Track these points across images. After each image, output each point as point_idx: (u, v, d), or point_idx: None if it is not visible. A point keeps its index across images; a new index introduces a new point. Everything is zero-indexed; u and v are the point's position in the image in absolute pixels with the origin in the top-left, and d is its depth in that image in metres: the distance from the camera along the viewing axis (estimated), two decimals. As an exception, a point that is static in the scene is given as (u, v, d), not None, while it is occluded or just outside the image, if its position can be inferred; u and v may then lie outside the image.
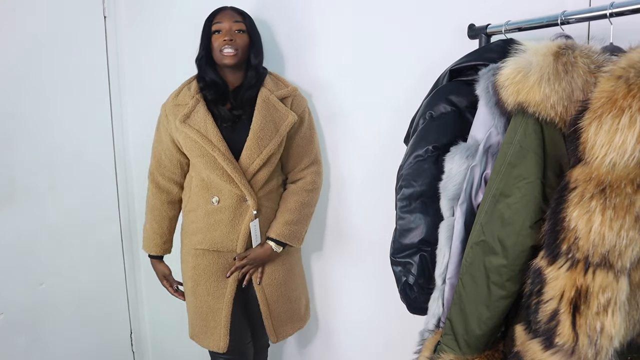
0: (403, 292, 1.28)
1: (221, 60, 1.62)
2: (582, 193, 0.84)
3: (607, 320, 0.83)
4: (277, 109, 1.66)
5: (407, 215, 1.23)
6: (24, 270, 1.99)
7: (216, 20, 1.64)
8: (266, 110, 1.64)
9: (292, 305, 1.80)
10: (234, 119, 1.64)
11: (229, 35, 1.61)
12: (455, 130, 1.18)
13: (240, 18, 1.65)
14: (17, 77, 1.94)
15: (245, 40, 1.64)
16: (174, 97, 1.70)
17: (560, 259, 0.87)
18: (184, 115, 1.63)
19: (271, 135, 1.63)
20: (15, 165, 1.95)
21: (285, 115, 1.67)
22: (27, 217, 1.99)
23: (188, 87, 1.70)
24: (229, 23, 1.62)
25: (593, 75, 0.90)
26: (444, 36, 1.45)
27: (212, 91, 1.65)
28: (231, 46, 1.60)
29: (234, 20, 1.63)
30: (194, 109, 1.63)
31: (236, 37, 1.62)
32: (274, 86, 1.70)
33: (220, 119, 1.64)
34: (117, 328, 2.42)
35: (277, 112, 1.66)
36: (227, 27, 1.62)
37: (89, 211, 2.21)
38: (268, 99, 1.66)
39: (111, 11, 2.24)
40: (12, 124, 1.93)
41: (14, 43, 1.93)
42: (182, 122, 1.62)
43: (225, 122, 1.63)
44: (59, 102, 2.07)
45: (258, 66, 1.69)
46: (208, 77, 1.67)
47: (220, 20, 1.63)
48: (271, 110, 1.65)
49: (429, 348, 1.13)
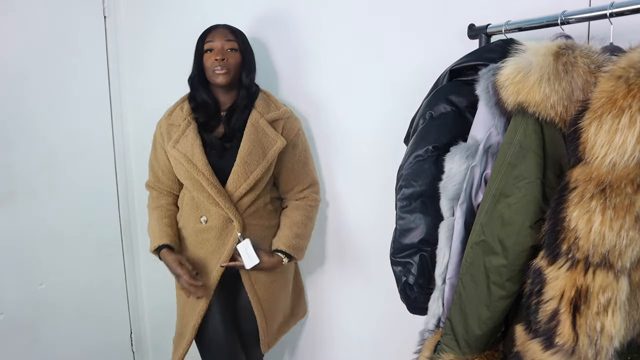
0: (403, 292, 1.28)
1: (213, 79, 1.63)
2: (582, 193, 0.84)
3: (607, 320, 0.83)
4: (266, 133, 1.65)
5: (407, 215, 1.23)
6: (24, 270, 1.99)
7: (208, 39, 1.64)
8: (254, 135, 1.63)
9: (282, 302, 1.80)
10: (222, 147, 1.65)
11: (220, 55, 1.60)
12: (455, 130, 1.18)
13: (232, 37, 1.64)
14: (17, 77, 1.94)
15: (238, 59, 1.64)
16: (167, 117, 1.71)
17: (560, 259, 0.87)
18: (174, 140, 1.64)
19: (258, 161, 1.63)
20: (15, 165, 1.95)
21: (274, 140, 1.65)
22: (27, 217, 1.99)
23: (181, 107, 1.71)
24: (220, 42, 1.62)
25: (593, 75, 0.90)
26: (444, 36, 1.45)
27: (203, 114, 1.66)
28: (223, 66, 1.60)
29: (226, 39, 1.63)
30: (183, 133, 1.64)
31: (228, 57, 1.62)
32: (265, 108, 1.69)
33: (209, 145, 1.64)
34: (117, 328, 2.42)
35: (265, 136, 1.65)
36: (219, 46, 1.62)
37: (89, 211, 2.21)
38: (257, 123, 1.65)
39: (111, 11, 2.24)
40: (12, 124, 1.93)
41: (14, 43, 1.93)
42: (172, 147, 1.64)
43: (213, 149, 1.64)
44: (59, 102, 2.07)
45: (250, 85, 1.68)
46: (200, 98, 1.67)
47: (212, 39, 1.63)
48: (260, 134, 1.64)
49: (429, 348, 1.13)
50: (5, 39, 1.90)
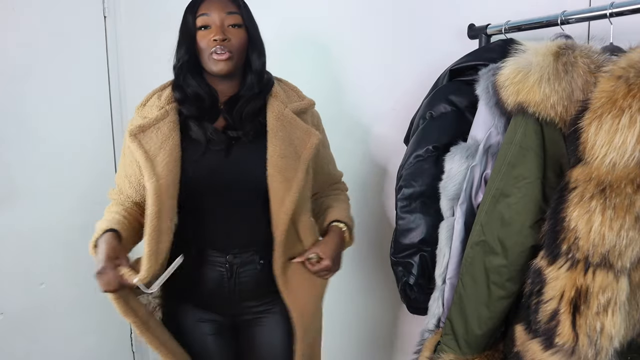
0: (403, 292, 1.28)
1: (210, 66, 1.22)
2: (582, 193, 0.84)
3: (607, 320, 0.83)
4: (295, 127, 1.26)
5: (407, 215, 1.23)
6: (24, 270, 1.99)
7: (202, 12, 1.22)
8: (282, 131, 1.23)
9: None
10: (228, 141, 1.22)
11: (220, 34, 1.19)
12: (455, 130, 1.18)
13: (234, 7, 1.23)
14: (17, 77, 1.94)
15: (243, 37, 1.23)
16: (139, 109, 1.30)
17: (560, 259, 0.87)
18: (139, 127, 1.22)
19: (295, 165, 1.23)
20: (15, 165, 1.94)
21: (306, 134, 1.27)
22: (27, 217, 1.99)
23: (159, 95, 1.31)
24: (219, 15, 1.20)
25: (593, 75, 0.90)
26: (444, 36, 1.45)
27: (193, 107, 1.25)
28: (224, 47, 1.19)
29: (226, 10, 1.21)
30: (155, 124, 1.23)
31: (230, 35, 1.21)
32: (286, 96, 1.32)
33: (207, 140, 1.21)
34: (117, 328, 2.41)
35: (295, 131, 1.26)
36: (218, 21, 1.20)
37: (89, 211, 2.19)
38: (282, 115, 1.25)
39: (111, 11, 2.24)
40: (12, 123, 1.93)
41: (14, 43, 1.92)
42: (132, 136, 1.21)
43: (216, 145, 1.21)
44: (58, 102, 2.07)
45: (262, 71, 1.29)
46: (190, 89, 1.26)
47: (208, 11, 1.21)
48: (288, 129, 1.25)
49: (429, 348, 1.13)
50: (5, 38, 1.90)
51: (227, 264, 1.25)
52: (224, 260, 1.25)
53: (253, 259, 1.26)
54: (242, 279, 1.26)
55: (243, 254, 1.25)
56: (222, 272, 1.26)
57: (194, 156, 1.21)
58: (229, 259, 1.25)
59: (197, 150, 1.21)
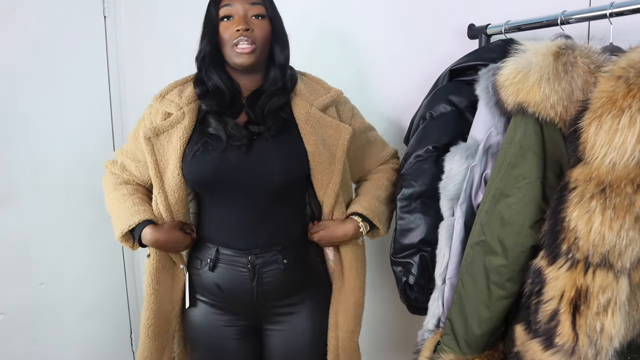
0: (403, 292, 1.28)
1: (233, 58, 1.20)
2: (582, 193, 0.84)
3: (607, 320, 0.83)
4: (325, 125, 1.24)
5: (407, 215, 1.23)
6: (24, 270, 1.99)
7: (225, 2, 1.20)
8: (313, 133, 1.21)
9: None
10: (250, 136, 1.19)
11: (243, 24, 1.16)
12: (455, 130, 1.18)
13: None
14: (17, 76, 1.94)
15: (266, 29, 1.21)
16: (157, 100, 1.29)
17: (560, 259, 0.87)
18: (153, 130, 1.22)
19: (330, 168, 1.22)
20: (15, 165, 1.94)
21: (337, 131, 1.25)
22: (27, 217, 1.99)
23: (180, 89, 1.29)
24: (242, 5, 1.19)
25: (593, 75, 0.90)
26: (444, 36, 1.45)
27: (214, 102, 1.23)
28: (247, 38, 1.17)
29: (249, 1, 1.19)
30: (172, 128, 1.23)
31: (253, 25, 1.18)
32: (312, 93, 1.28)
33: (227, 135, 1.19)
34: (117, 328, 2.41)
35: (325, 129, 1.24)
36: (241, 12, 1.18)
37: (89, 211, 2.21)
38: (310, 115, 1.23)
39: (111, 11, 2.24)
40: (12, 123, 1.93)
41: (14, 43, 1.92)
42: (146, 139, 1.23)
43: (236, 141, 1.18)
44: (59, 102, 2.07)
45: (285, 64, 1.26)
46: (211, 82, 1.24)
47: (230, 2, 1.19)
48: (318, 130, 1.23)
49: (429, 348, 1.13)
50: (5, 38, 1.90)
51: (249, 264, 1.23)
52: (246, 260, 1.23)
53: (276, 258, 1.24)
54: (265, 279, 1.24)
55: (266, 254, 1.24)
56: (244, 273, 1.24)
57: (215, 152, 1.19)
58: (250, 259, 1.23)
59: (218, 146, 1.19)
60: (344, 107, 1.33)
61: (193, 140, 1.22)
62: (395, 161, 1.44)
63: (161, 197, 1.22)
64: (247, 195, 1.21)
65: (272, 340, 1.32)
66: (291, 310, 1.29)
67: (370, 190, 1.34)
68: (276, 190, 1.21)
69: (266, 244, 1.23)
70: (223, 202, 1.24)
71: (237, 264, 1.24)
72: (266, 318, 1.30)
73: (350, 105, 1.36)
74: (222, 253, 1.25)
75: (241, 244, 1.24)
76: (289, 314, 1.29)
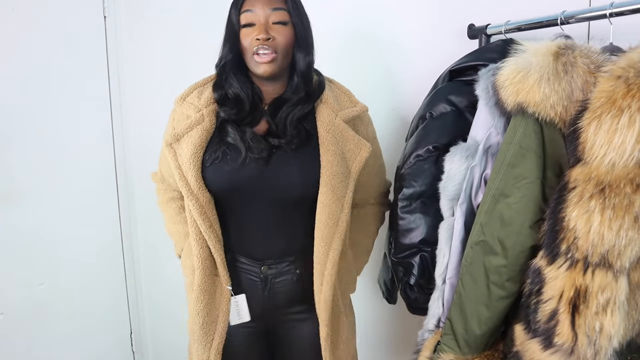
0: (403, 292, 1.28)
1: (253, 68, 1.16)
2: (582, 193, 0.84)
3: (606, 320, 0.83)
4: (346, 138, 1.19)
5: (408, 215, 1.23)
6: (24, 270, 1.99)
7: (245, 8, 1.14)
8: (334, 144, 1.16)
9: None
10: (269, 149, 1.15)
11: (264, 32, 1.12)
12: (455, 130, 1.18)
13: (280, 3, 1.15)
14: (17, 77, 1.94)
15: (289, 36, 1.16)
16: (179, 102, 1.25)
17: (559, 258, 0.87)
18: (174, 136, 1.20)
19: (346, 182, 1.18)
20: (15, 165, 1.95)
21: (357, 147, 1.20)
22: (27, 217, 1.99)
23: (200, 91, 1.24)
24: (263, 11, 1.13)
25: (593, 75, 0.90)
26: (444, 36, 1.46)
27: (233, 111, 1.18)
28: (267, 47, 1.12)
29: (271, 7, 1.13)
30: (191, 130, 1.19)
31: (275, 33, 1.14)
32: (337, 102, 1.22)
33: (246, 147, 1.15)
34: (117, 328, 2.42)
35: (346, 143, 1.18)
36: (262, 19, 1.13)
37: (89, 211, 2.21)
38: (334, 125, 1.18)
39: (111, 11, 2.24)
40: (13, 123, 1.93)
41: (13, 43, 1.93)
42: (168, 145, 1.21)
43: (255, 153, 1.15)
44: (59, 102, 2.07)
45: (307, 72, 1.20)
46: (232, 89, 1.19)
47: (252, 7, 1.13)
48: (340, 141, 1.17)
49: (429, 348, 1.13)
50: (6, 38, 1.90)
51: (262, 274, 1.24)
52: (259, 270, 1.24)
53: (289, 269, 1.24)
54: (277, 288, 1.25)
55: (279, 265, 1.24)
56: (257, 282, 1.25)
57: (234, 163, 1.16)
58: (263, 270, 1.24)
59: (236, 157, 1.16)
60: (368, 127, 1.28)
61: (212, 148, 1.18)
62: (386, 200, 1.43)
63: (191, 200, 1.17)
64: (264, 206, 1.19)
65: (281, 344, 1.33)
66: (301, 317, 1.29)
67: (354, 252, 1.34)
68: (294, 204, 1.20)
69: (280, 254, 1.23)
70: (240, 212, 1.23)
71: (251, 273, 1.25)
72: (276, 323, 1.31)
73: (373, 127, 1.32)
74: (239, 260, 1.26)
75: (256, 253, 1.24)
76: (298, 320, 1.30)
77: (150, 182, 1.58)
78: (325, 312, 1.22)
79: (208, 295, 1.24)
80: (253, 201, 1.19)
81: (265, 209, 1.20)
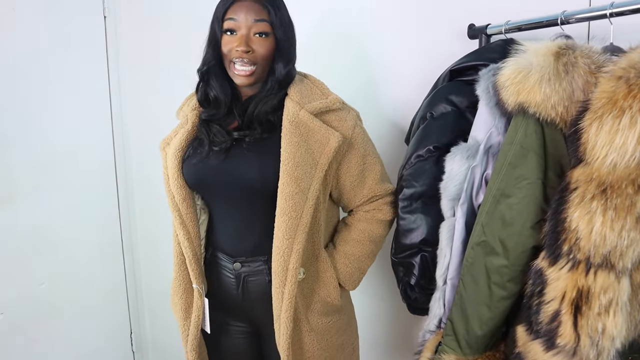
0: (404, 293, 1.28)
1: (232, 76, 1.19)
2: (583, 194, 0.84)
3: (609, 320, 0.83)
4: (312, 129, 1.17)
5: (408, 215, 1.23)
6: (24, 270, 1.99)
7: (229, 15, 1.15)
8: (297, 136, 1.15)
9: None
10: (227, 142, 1.19)
11: (243, 45, 1.13)
12: (455, 131, 1.18)
13: (263, 14, 1.14)
14: (17, 77, 1.94)
15: (269, 48, 1.16)
16: (178, 112, 1.34)
17: (561, 259, 0.87)
18: (165, 140, 1.30)
19: (311, 173, 1.15)
20: (15, 165, 1.94)
21: (324, 137, 1.17)
22: (27, 217, 1.99)
23: (189, 99, 1.32)
24: (246, 21, 1.13)
25: (594, 76, 0.90)
26: (444, 36, 1.45)
27: (212, 111, 1.23)
28: (247, 61, 1.14)
29: (254, 17, 1.13)
30: (175, 135, 1.28)
31: (255, 45, 1.15)
32: (305, 95, 1.21)
33: (210, 141, 1.20)
34: (117, 328, 2.41)
35: (311, 134, 1.17)
36: (244, 29, 1.14)
37: (89, 211, 2.21)
38: (297, 117, 1.17)
39: (111, 11, 2.24)
40: (12, 123, 1.93)
41: (13, 43, 1.92)
42: (162, 150, 1.29)
43: (217, 146, 1.19)
44: (59, 102, 2.07)
45: (285, 79, 1.21)
46: (212, 92, 1.22)
47: (235, 16, 1.14)
48: (304, 133, 1.16)
49: (430, 349, 1.13)
50: (6, 38, 1.90)
51: (235, 271, 1.25)
52: (232, 267, 1.26)
53: (263, 269, 1.23)
54: (250, 288, 1.25)
55: (252, 263, 1.24)
56: (231, 279, 1.26)
57: (199, 157, 1.22)
58: (235, 267, 1.25)
59: (202, 150, 1.21)
60: (344, 118, 1.23)
61: (190, 146, 1.25)
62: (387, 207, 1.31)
63: (169, 197, 1.26)
64: (232, 200, 1.22)
65: (267, 346, 1.32)
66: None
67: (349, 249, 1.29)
68: (260, 197, 1.18)
69: (252, 252, 1.23)
70: (213, 206, 1.29)
71: (226, 269, 1.27)
72: (262, 325, 1.31)
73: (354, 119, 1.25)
74: (217, 257, 1.29)
75: (229, 249, 1.26)
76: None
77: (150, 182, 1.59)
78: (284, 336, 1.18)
79: (181, 290, 1.31)
80: (222, 195, 1.22)
81: (234, 202, 1.22)
